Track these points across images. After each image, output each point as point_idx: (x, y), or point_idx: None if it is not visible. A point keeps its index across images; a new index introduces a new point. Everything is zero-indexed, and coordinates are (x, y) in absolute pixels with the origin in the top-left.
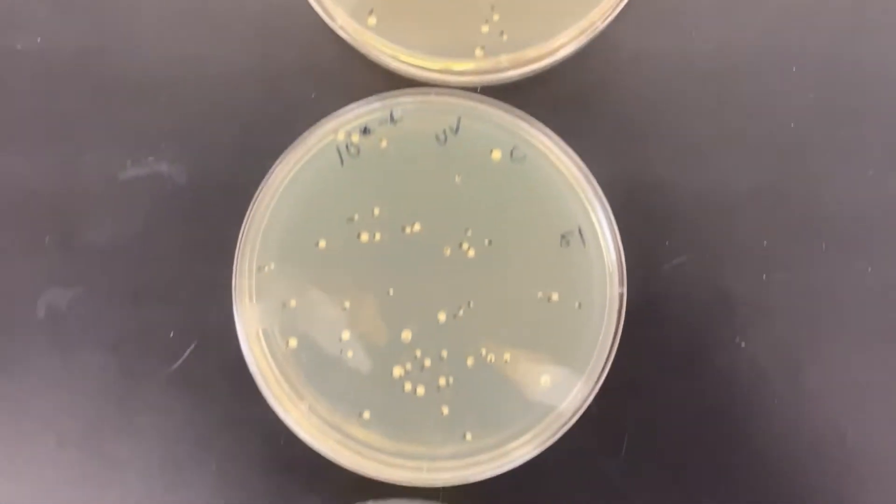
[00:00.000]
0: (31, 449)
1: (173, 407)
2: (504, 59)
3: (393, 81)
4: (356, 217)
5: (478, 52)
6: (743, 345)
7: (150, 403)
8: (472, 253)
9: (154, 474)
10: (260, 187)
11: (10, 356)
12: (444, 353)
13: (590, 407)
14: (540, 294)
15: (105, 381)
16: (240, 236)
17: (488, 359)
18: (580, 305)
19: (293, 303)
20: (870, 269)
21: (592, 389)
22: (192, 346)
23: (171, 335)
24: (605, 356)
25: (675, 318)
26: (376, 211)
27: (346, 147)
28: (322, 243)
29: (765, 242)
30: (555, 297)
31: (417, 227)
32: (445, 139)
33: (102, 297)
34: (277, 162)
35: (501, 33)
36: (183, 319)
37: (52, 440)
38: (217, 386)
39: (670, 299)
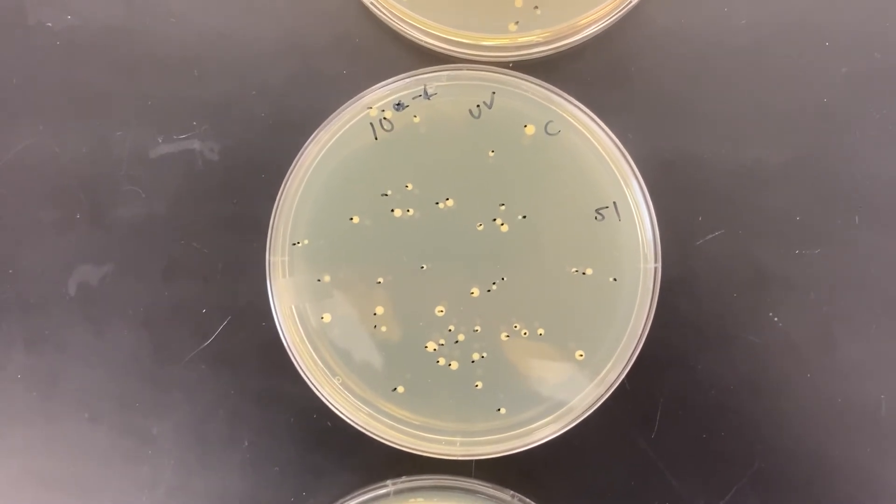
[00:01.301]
0: (64, 425)
1: (205, 383)
2: (537, 33)
3: (425, 58)
4: (389, 192)
5: (511, 26)
6: (776, 319)
7: (182, 379)
8: (505, 228)
9: (186, 450)
10: (293, 163)
11: (42, 333)
12: (478, 328)
13: (623, 381)
14: (574, 269)
15: (137, 357)
16: (273, 212)
17: (522, 333)
18: (614, 280)
19: (327, 278)
20: None
21: (626, 364)
22: (225, 323)
23: (204, 311)
24: (639, 331)
25: (709, 293)
26: (409, 186)
27: (380, 122)
28: (355, 219)
29: (798, 217)
30: (589, 271)
31: (451, 202)
32: (479, 114)
33: (134, 273)
34: (311, 138)
35: (535, 8)
36: (215, 296)
37: (85, 416)
38: (249, 362)
39: (704, 274)
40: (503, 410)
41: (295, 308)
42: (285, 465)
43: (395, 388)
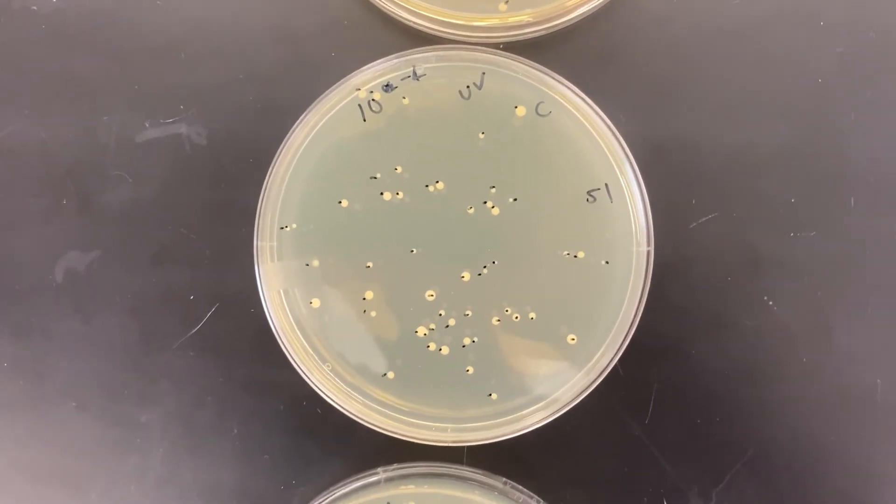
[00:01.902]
0: (51, 414)
1: (194, 370)
2: (527, 13)
3: (414, 40)
4: (379, 175)
5: (501, 6)
6: (770, 303)
7: (170, 367)
8: (496, 211)
9: (174, 438)
10: (281, 146)
11: (28, 321)
12: (469, 313)
13: (616, 367)
14: (566, 252)
15: (125, 345)
16: (261, 196)
17: (513, 318)
18: (607, 263)
19: (315, 263)
20: None
21: (619, 349)
22: (213, 309)
23: (192, 298)
24: (632, 315)
25: (703, 277)
26: (399, 169)
27: (369, 104)
28: (344, 202)
29: (792, 200)
30: (581, 254)
31: (440, 185)
32: (469, 95)
33: (121, 260)
34: (299, 120)
35: None
36: (203, 282)
37: (72, 405)
38: (238, 349)
39: (697, 258)
40: (494, 396)
41: (283, 293)
42: (275, 453)
43: (386, 374)
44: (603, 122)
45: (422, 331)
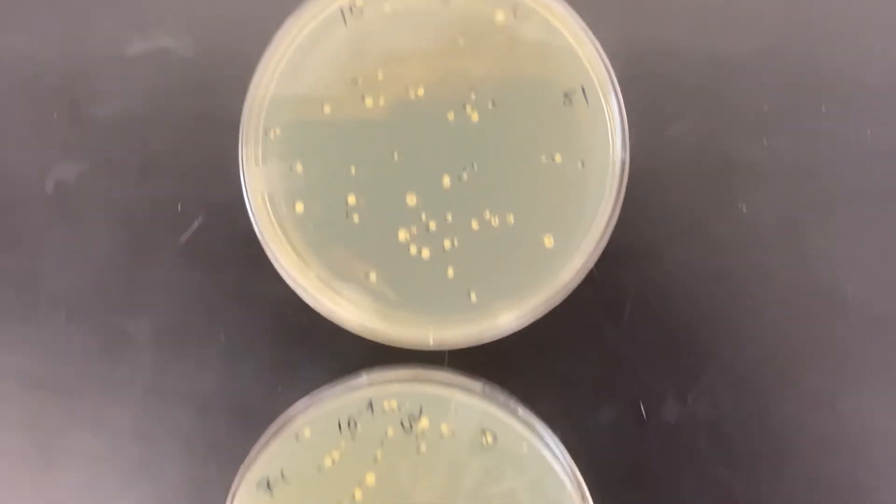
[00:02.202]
0: (41, 324)
1: (181, 280)
2: None
3: None
4: (360, 81)
5: None
6: (744, 209)
7: (158, 277)
8: (475, 116)
9: (163, 347)
10: (264, 52)
11: (19, 232)
12: (449, 217)
13: (592, 271)
14: (543, 156)
15: (113, 255)
16: (245, 102)
17: (492, 221)
18: (583, 164)
19: (299, 167)
20: (869, 133)
21: (594, 252)
22: (200, 219)
23: (179, 208)
24: (608, 218)
25: (676, 183)
26: (380, 75)
27: (350, 9)
28: (327, 108)
29: (765, 107)
30: (558, 158)
31: (421, 91)
32: None
33: (110, 171)
34: (281, 28)
35: None
36: (191, 192)
37: (62, 315)
38: (225, 258)
39: (671, 164)
40: (474, 298)
41: (268, 197)
42: (261, 359)
43: (368, 278)
44: (580, 28)
45: (403, 235)
